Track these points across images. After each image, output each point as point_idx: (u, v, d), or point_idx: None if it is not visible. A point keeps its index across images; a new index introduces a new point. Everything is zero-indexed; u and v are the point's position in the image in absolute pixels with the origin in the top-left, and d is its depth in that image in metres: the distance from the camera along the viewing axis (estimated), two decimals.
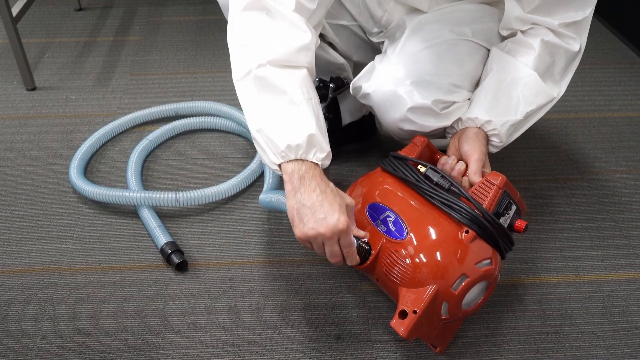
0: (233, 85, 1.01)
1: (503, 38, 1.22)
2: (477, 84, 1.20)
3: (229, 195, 1.35)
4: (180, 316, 1.12)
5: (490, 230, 0.95)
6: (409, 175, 1.04)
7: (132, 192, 1.28)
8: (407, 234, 0.97)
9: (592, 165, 1.51)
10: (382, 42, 1.26)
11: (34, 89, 1.78)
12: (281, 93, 0.96)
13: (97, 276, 1.20)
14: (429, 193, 0.99)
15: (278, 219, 1.34)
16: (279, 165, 0.96)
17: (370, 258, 0.99)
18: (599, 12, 2.18)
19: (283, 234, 1.30)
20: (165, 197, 1.27)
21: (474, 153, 1.08)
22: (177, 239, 1.26)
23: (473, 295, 0.97)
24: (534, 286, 1.19)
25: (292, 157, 0.94)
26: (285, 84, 0.96)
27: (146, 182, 1.43)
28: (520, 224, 1.00)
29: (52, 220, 1.33)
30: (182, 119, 1.57)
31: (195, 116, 1.59)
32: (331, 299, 1.16)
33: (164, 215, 1.33)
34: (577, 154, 1.55)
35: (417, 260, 0.95)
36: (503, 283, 1.19)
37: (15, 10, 1.71)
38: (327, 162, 0.99)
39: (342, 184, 1.43)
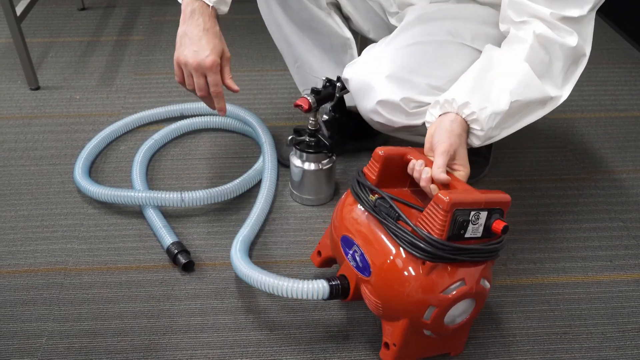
0: (237, 85, 1.09)
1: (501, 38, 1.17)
2: None
3: (235, 195, 1.34)
4: (187, 317, 1.11)
5: (448, 256, 0.89)
6: (365, 203, 0.98)
7: (138, 192, 1.27)
8: (371, 272, 0.96)
9: (599, 165, 1.50)
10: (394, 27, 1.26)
11: (37, 88, 1.78)
12: None
13: (103, 276, 1.19)
14: (384, 224, 0.95)
15: (284, 219, 1.33)
16: None
17: (350, 294, 1.00)
18: (604, 11, 2.18)
19: (289, 234, 1.29)
20: (171, 197, 1.26)
21: (440, 145, 0.96)
22: (183, 240, 1.26)
23: (460, 310, 0.94)
24: (543, 287, 1.18)
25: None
26: None
27: (151, 182, 1.42)
28: (497, 225, 0.90)
29: (57, 220, 1.32)
30: (187, 119, 1.57)
31: (200, 116, 1.58)
32: (337, 300, 1.15)
33: (170, 215, 1.32)
34: (584, 154, 1.54)
35: (383, 298, 0.95)
36: (511, 284, 1.19)
37: (19, 10, 1.70)
38: (222, 8, 1.13)
39: (347, 184, 1.43)
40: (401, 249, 0.92)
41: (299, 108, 1.26)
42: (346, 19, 1.36)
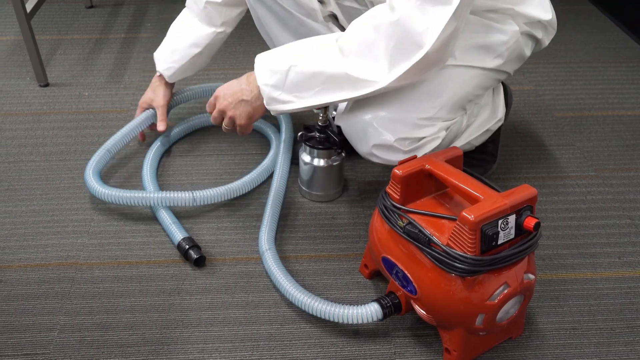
0: None
1: (501, 53, 1.15)
2: (463, 108, 1.17)
3: (246, 192, 1.34)
4: (198, 311, 1.12)
5: (485, 268, 0.91)
6: (396, 229, 1.00)
7: (149, 194, 1.27)
8: (417, 291, 0.99)
9: (607, 163, 1.51)
10: None
11: (46, 85, 1.79)
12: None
13: (113, 271, 1.20)
14: (419, 248, 0.96)
15: (294, 215, 1.33)
16: None
17: (403, 308, 1.04)
18: (611, 11, 2.18)
19: (299, 230, 1.30)
20: (182, 197, 1.26)
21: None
22: (193, 235, 1.26)
23: (509, 306, 0.97)
24: (551, 283, 1.19)
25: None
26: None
27: (161, 178, 1.43)
28: (529, 223, 0.91)
29: (67, 215, 1.33)
30: (198, 116, 1.58)
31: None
32: (348, 295, 1.15)
33: (179, 211, 1.33)
34: (592, 152, 1.54)
35: (433, 312, 0.99)
36: None
37: (29, 7, 1.71)
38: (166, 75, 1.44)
39: (355, 180, 1.43)
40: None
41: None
42: (344, 29, 1.34)
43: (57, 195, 1.38)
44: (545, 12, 1.19)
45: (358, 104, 1.15)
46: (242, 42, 2.02)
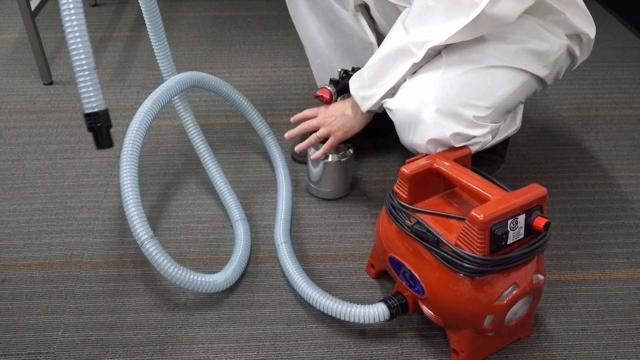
0: (250, 81, 1.07)
1: (549, 63, 1.14)
2: (508, 112, 1.15)
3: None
4: (203, 310, 1.11)
5: (494, 269, 0.90)
6: (404, 228, 0.99)
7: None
8: (424, 291, 0.98)
9: (615, 163, 1.49)
10: None
11: (51, 83, 1.78)
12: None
13: (118, 270, 1.19)
14: (427, 247, 0.95)
15: (299, 214, 1.33)
16: None
17: (410, 308, 1.03)
18: (618, 10, 2.17)
19: (304, 229, 1.29)
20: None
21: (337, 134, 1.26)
22: (199, 234, 1.26)
23: (518, 307, 0.96)
24: (560, 283, 1.17)
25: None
26: None
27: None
28: (538, 223, 0.91)
29: (71, 213, 1.32)
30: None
31: None
32: (354, 295, 1.14)
33: (186, 210, 1.32)
34: (599, 152, 1.53)
35: (441, 313, 0.98)
36: None
37: (33, 5, 1.71)
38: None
39: (361, 179, 1.42)
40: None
41: (319, 99, 1.25)
42: (373, 22, 1.34)
43: (61, 193, 1.38)
44: (591, 28, 1.18)
45: (414, 87, 1.10)
46: (247, 40, 2.01)
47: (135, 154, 1.08)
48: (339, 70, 1.29)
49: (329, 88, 1.25)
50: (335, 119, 1.25)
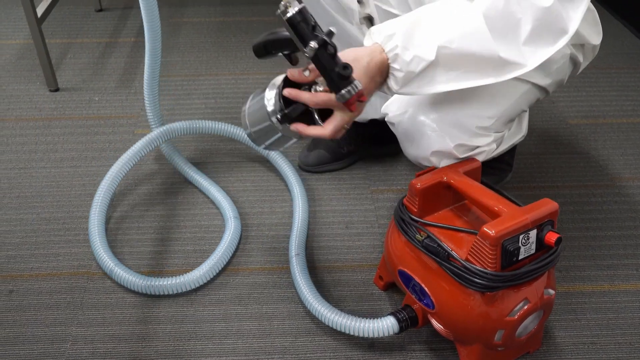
0: (256, 88, 1.04)
1: (551, 72, 1.11)
2: (511, 121, 1.14)
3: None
4: (211, 322, 1.11)
5: (506, 284, 0.90)
6: (414, 242, 0.98)
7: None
8: (434, 305, 0.97)
9: (622, 172, 1.49)
10: None
11: (57, 90, 1.78)
12: None
13: None
14: (438, 262, 0.95)
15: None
16: None
17: (420, 322, 1.02)
18: (624, 16, 2.16)
19: (312, 239, 1.28)
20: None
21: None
22: (206, 245, 1.25)
23: (529, 321, 0.95)
24: (569, 295, 1.17)
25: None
26: None
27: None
28: (550, 238, 0.90)
29: (79, 223, 1.32)
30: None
31: None
32: (363, 307, 1.14)
33: (192, 219, 1.32)
34: (607, 160, 1.53)
35: (451, 327, 0.98)
36: None
37: (39, 11, 1.70)
38: None
39: (369, 188, 1.42)
40: None
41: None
42: None
43: (68, 202, 1.37)
44: (597, 35, 1.15)
45: (416, 104, 1.07)
46: (248, 46, 2.01)
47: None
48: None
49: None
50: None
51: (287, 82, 0.97)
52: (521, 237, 0.88)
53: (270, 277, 1.19)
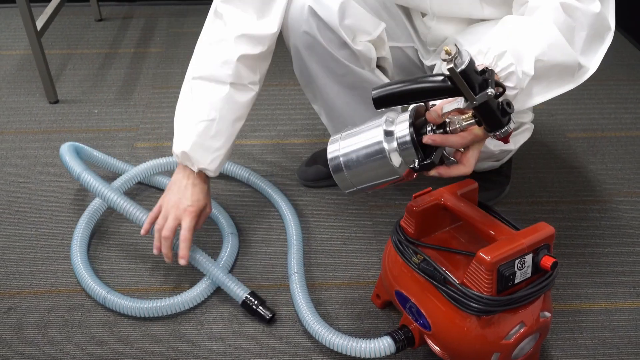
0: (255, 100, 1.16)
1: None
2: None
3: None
4: (209, 341, 1.11)
5: (501, 308, 0.90)
6: (409, 263, 0.98)
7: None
8: (431, 327, 0.98)
9: (620, 187, 1.49)
10: (434, 66, 1.24)
11: (56, 102, 1.78)
12: (194, 107, 1.15)
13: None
14: (435, 285, 0.95)
15: (304, 240, 1.32)
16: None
17: (416, 342, 1.03)
18: (625, 27, 2.16)
19: (310, 256, 1.29)
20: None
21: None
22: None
23: (525, 343, 0.95)
24: (565, 313, 1.17)
25: (179, 161, 1.18)
26: (197, 100, 1.15)
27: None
28: (545, 262, 0.90)
29: None
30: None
31: None
32: (360, 325, 1.14)
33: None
34: (605, 175, 1.53)
35: (447, 349, 0.98)
36: None
37: (39, 24, 1.71)
38: (209, 173, 1.18)
39: (367, 204, 1.42)
40: None
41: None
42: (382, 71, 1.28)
43: (67, 217, 1.38)
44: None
45: None
46: None
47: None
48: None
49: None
50: None
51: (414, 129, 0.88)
52: (517, 261, 0.89)
53: (267, 295, 1.19)
